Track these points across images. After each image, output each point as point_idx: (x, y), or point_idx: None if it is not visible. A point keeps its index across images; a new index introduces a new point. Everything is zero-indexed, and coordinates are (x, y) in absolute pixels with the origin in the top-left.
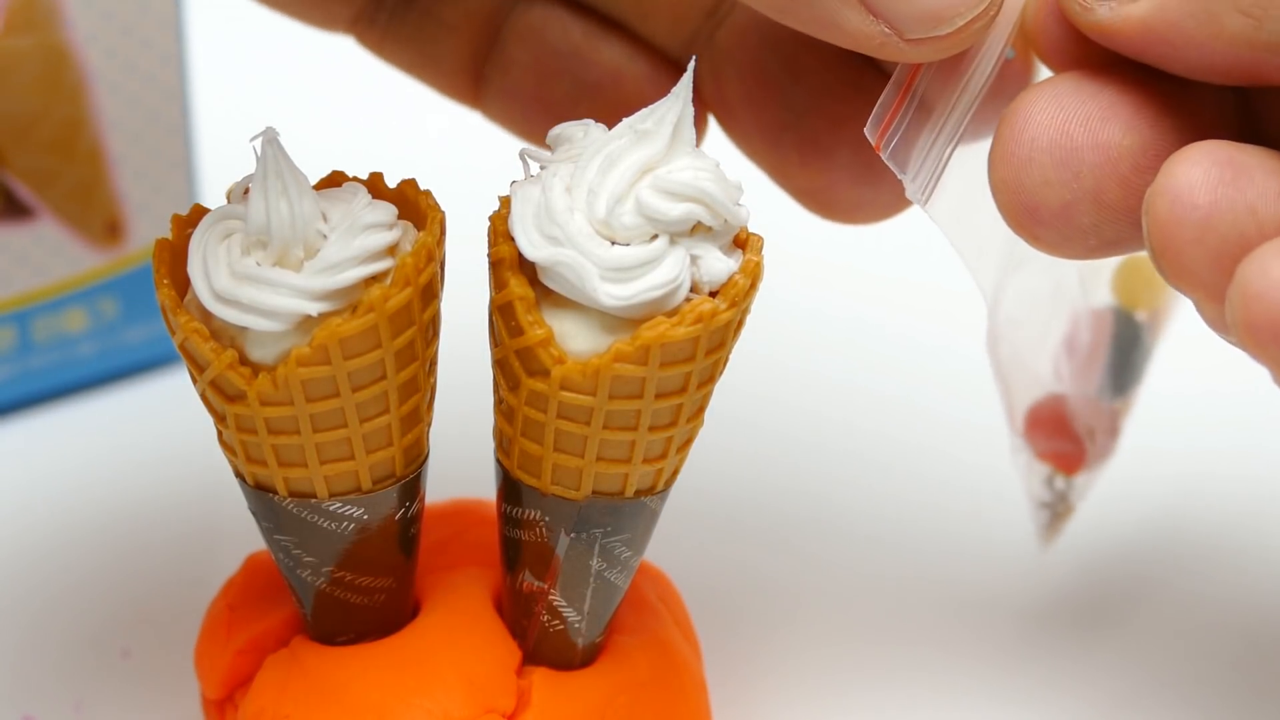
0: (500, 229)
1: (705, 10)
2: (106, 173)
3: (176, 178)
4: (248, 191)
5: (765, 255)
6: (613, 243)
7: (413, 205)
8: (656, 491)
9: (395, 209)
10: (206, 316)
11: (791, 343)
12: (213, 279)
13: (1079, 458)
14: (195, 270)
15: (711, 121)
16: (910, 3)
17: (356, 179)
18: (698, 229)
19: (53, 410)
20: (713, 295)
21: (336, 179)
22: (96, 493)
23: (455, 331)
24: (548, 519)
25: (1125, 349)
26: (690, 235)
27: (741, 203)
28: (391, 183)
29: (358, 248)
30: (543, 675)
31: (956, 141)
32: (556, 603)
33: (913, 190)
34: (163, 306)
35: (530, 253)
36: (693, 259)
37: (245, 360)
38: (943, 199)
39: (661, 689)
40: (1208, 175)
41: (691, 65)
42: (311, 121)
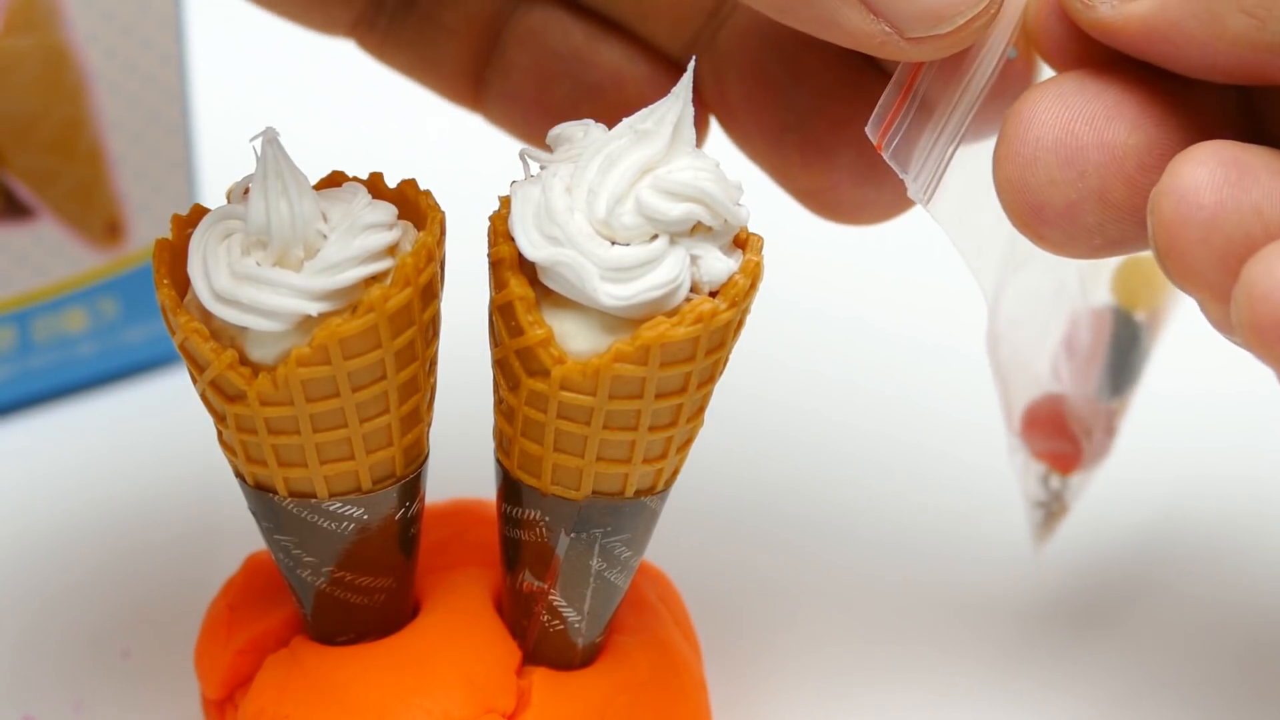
0: (500, 229)
1: (706, 12)
2: (106, 173)
3: (176, 178)
4: (248, 191)
5: (765, 255)
6: (613, 243)
7: (413, 205)
8: (656, 491)
9: (395, 209)
10: (206, 316)
11: (791, 343)
12: (213, 279)
13: (1075, 457)
14: (195, 270)
15: (713, 123)
16: (911, 1)
17: (356, 179)
18: (698, 229)
19: (53, 410)
20: (713, 295)
21: (336, 179)
22: (96, 493)
23: (455, 331)
24: (548, 519)
25: (1123, 349)
26: (690, 235)
27: (741, 203)
28: (391, 183)
29: (358, 248)
30: (543, 675)
31: (958, 141)
32: (556, 603)
33: (915, 190)
34: (163, 306)
35: (530, 253)
36: (693, 259)
37: (245, 360)
38: (945, 198)
39: (661, 689)
40: (1213, 175)
41: (691, 65)
42: (311, 121)
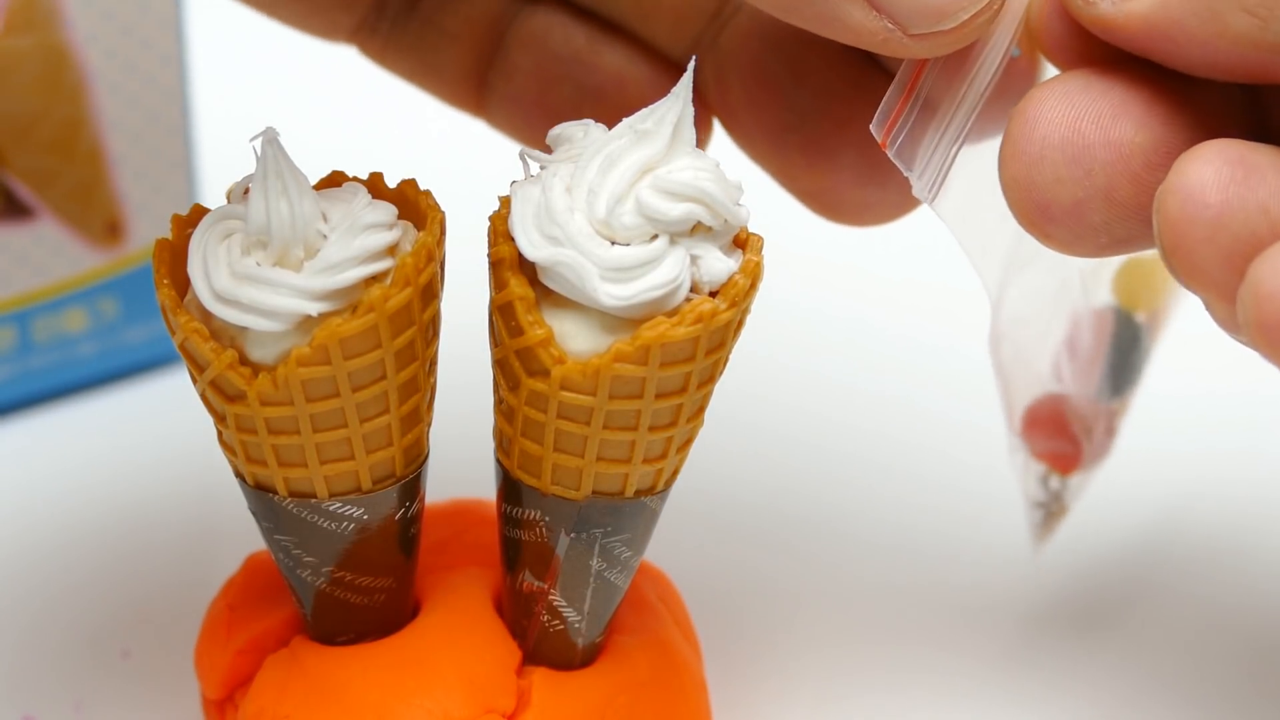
0: (500, 229)
1: (708, 14)
2: (106, 173)
3: (176, 178)
4: (248, 191)
5: (765, 255)
6: (613, 243)
7: (413, 205)
8: (657, 491)
9: (395, 209)
10: (206, 316)
11: (791, 343)
12: (213, 279)
13: (1075, 458)
14: (195, 270)
15: (715, 125)
16: None
17: (356, 179)
18: (698, 229)
19: (53, 410)
20: (713, 295)
21: (336, 179)
22: (96, 493)
23: (455, 331)
24: (548, 519)
25: (1124, 349)
26: (690, 235)
27: (741, 203)
28: (391, 183)
29: (358, 248)
30: (543, 675)
31: (962, 139)
32: (556, 603)
33: (919, 188)
34: (163, 306)
35: (530, 253)
36: (693, 259)
37: (245, 360)
38: (949, 197)
39: (661, 689)
40: (1219, 174)
41: (691, 65)
42: (311, 121)
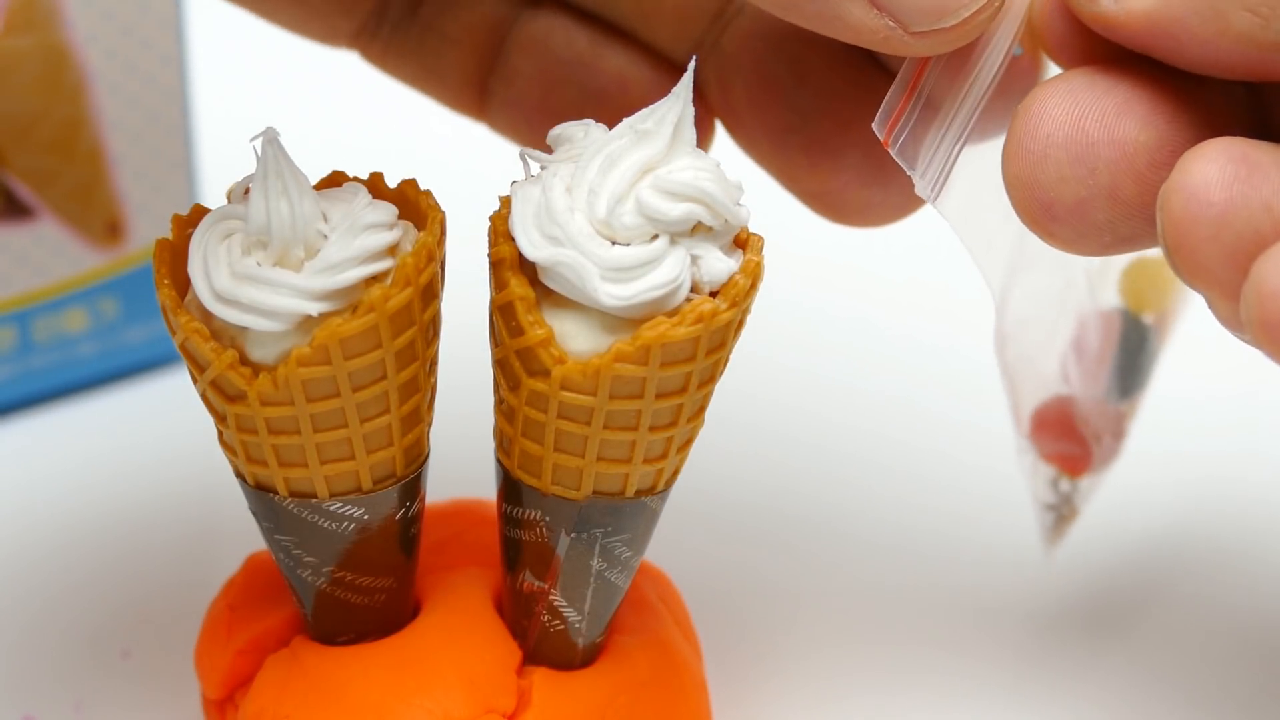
0: (500, 229)
1: (710, 15)
2: (106, 173)
3: (176, 178)
4: (248, 191)
5: (766, 255)
6: (613, 243)
7: (413, 205)
8: (657, 491)
9: (395, 209)
10: (207, 316)
11: (792, 343)
12: (213, 279)
13: (1084, 460)
14: (195, 270)
15: (717, 126)
16: None
17: (357, 179)
18: (698, 229)
19: (53, 410)
20: (713, 295)
21: (337, 179)
22: (96, 493)
23: (455, 331)
24: (548, 519)
25: (1132, 351)
26: (691, 235)
27: (742, 203)
28: (392, 183)
29: (358, 248)
30: (543, 675)
31: (965, 138)
32: (557, 603)
33: (922, 186)
34: (163, 306)
35: (530, 253)
36: (693, 259)
37: (246, 360)
38: (952, 196)
39: (662, 689)
40: (1223, 172)
41: (692, 65)
42: (312, 121)
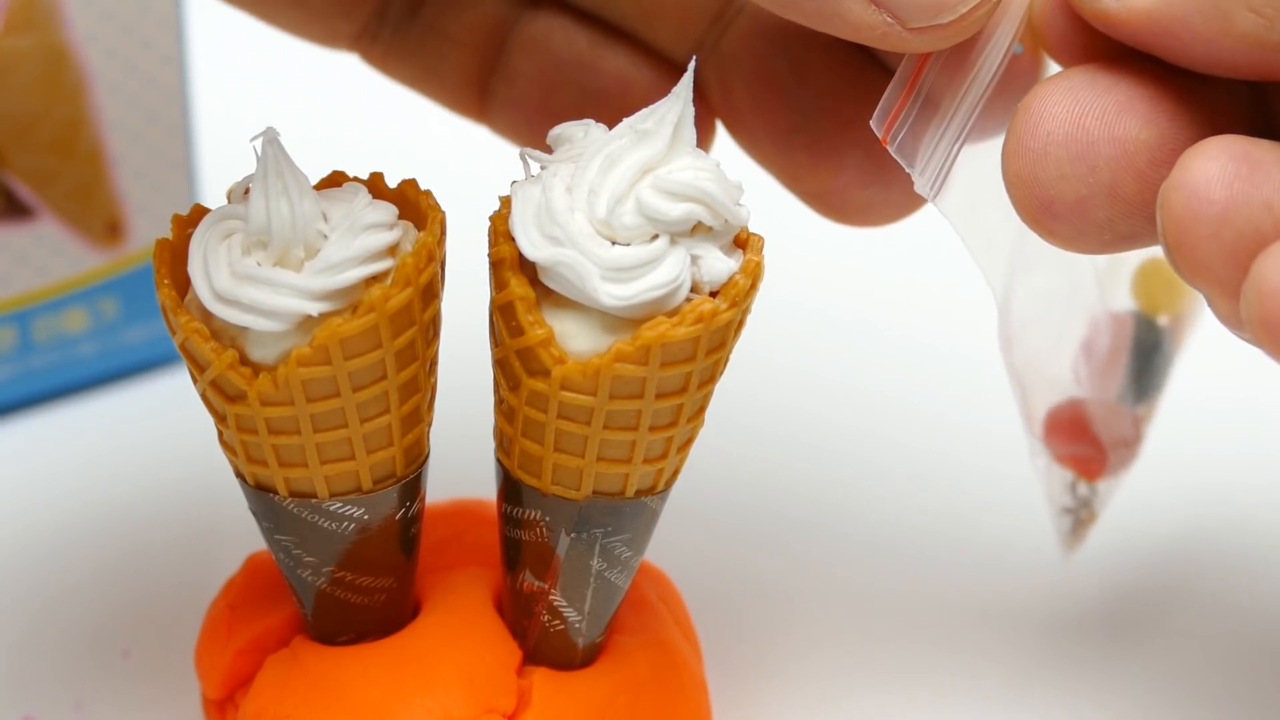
0: (500, 229)
1: (710, 16)
2: (106, 173)
3: (176, 178)
4: (248, 191)
5: (766, 255)
6: (613, 243)
7: (413, 205)
8: (657, 491)
9: (396, 209)
10: (207, 316)
11: (792, 343)
12: (213, 279)
13: (1101, 463)
14: (195, 270)
15: (718, 126)
16: None
17: (357, 179)
18: (698, 229)
19: (53, 410)
20: (713, 295)
21: (337, 179)
22: (96, 493)
23: (455, 331)
24: (548, 519)
25: (1146, 354)
26: (691, 235)
27: (742, 203)
28: (392, 183)
29: (358, 248)
30: (543, 675)
31: (965, 136)
32: (557, 603)
33: (921, 184)
34: (163, 306)
35: (531, 253)
36: (693, 259)
37: (246, 360)
38: (952, 194)
39: (662, 689)
40: (1224, 170)
41: (692, 65)
42: (312, 121)
